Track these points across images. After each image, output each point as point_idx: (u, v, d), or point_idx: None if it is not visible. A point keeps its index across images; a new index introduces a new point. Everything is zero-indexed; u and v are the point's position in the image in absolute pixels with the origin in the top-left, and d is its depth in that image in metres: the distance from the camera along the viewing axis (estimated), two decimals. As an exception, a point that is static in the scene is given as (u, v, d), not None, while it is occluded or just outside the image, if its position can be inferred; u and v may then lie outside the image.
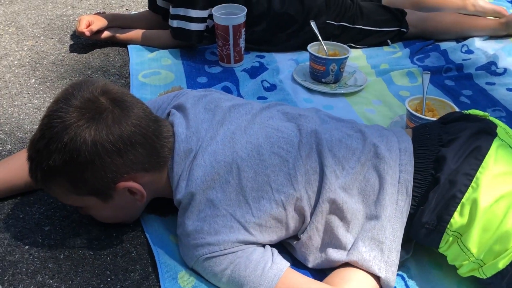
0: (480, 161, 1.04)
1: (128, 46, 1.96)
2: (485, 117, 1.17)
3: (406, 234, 1.06)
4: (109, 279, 1.07)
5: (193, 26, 1.86)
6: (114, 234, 1.17)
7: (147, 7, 2.11)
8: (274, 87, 1.76)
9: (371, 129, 1.16)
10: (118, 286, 1.05)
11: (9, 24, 2.13)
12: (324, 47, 1.81)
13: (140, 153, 1.02)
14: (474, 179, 1.02)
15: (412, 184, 1.06)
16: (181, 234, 1.05)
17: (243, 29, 1.84)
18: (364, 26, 2.01)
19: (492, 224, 0.99)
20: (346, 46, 1.82)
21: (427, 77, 1.54)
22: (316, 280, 1.05)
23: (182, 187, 1.05)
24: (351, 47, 1.99)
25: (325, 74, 1.76)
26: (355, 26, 2.00)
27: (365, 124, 1.21)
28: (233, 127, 1.10)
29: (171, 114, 1.15)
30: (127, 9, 2.32)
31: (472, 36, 2.09)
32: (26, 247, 1.13)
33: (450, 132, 1.12)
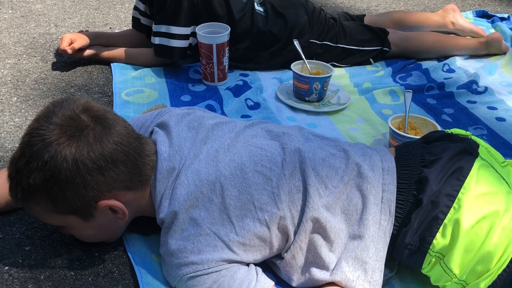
0: (462, 182, 1.04)
1: (112, 64, 1.96)
2: (467, 136, 1.18)
3: (390, 254, 1.06)
4: (91, 300, 1.05)
5: (176, 43, 1.87)
6: (96, 254, 1.16)
7: (131, 26, 2.11)
8: (258, 106, 1.76)
9: (354, 148, 1.17)
10: (100, 307, 1.03)
11: (-9, 42, 2.12)
12: (308, 66, 1.82)
13: (122, 171, 1.01)
14: (456, 200, 1.02)
15: (395, 205, 1.07)
16: (164, 253, 1.04)
17: (227, 48, 1.85)
18: (347, 45, 2.03)
19: (474, 245, 0.99)
20: (329, 65, 1.83)
21: (409, 96, 1.56)
22: None
23: (165, 206, 1.04)
24: (334, 66, 2.01)
25: (309, 93, 1.77)
26: (338, 45, 2.02)
27: (349, 143, 1.21)
28: (217, 145, 1.10)
29: (154, 132, 1.15)
30: (111, 28, 2.32)
31: (453, 55, 2.12)
32: (6, 268, 1.11)
33: (433, 153, 1.13)
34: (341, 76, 1.99)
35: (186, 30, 1.86)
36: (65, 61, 1.99)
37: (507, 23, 2.47)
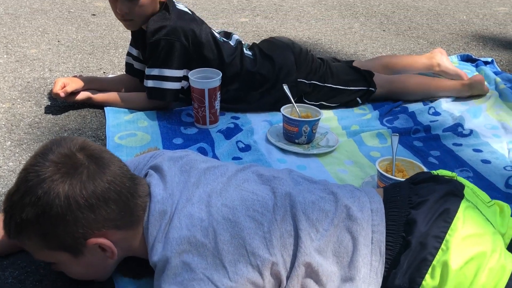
0: (449, 224, 1.07)
1: (105, 108, 1.99)
2: (453, 178, 1.22)
3: None
4: None
5: (168, 85, 1.92)
6: (88, 298, 1.16)
7: (124, 71, 2.16)
8: (249, 148, 1.80)
9: (343, 190, 1.19)
10: None
11: (-14, 87, 2.15)
12: (297, 109, 1.87)
13: (113, 210, 1.04)
14: (444, 242, 1.05)
15: (387, 244, 1.09)
16: None
17: (218, 92, 1.89)
18: (334, 85, 2.09)
19: (463, 286, 1.01)
20: (318, 109, 1.88)
21: (396, 139, 1.60)
22: None
23: (158, 250, 1.05)
24: (323, 106, 2.06)
25: (298, 135, 1.81)
26: (326, 85, 2.08)
27: (337, 185, 1.24)
28: (209, 189, 1.12)
29: (149, 175, 1.18)
30: (104, 72, 2.37)
31: (437, 97, 2.18)
32: (-3, 313, 1.12)
33: (420, 194, 1.15)
34: (330, 119, 2.04)
35: (179, 73, 1.91)
36: (59, 105, 2.02)
37: (491, 67, 2.54)
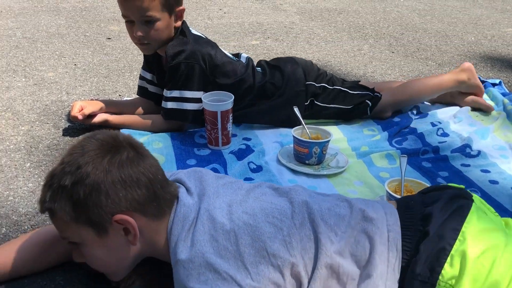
0: (464, 218, 1.13)
1: (121, 130, 2.05)
2: (462, 188, 1.29)
3: None
4: None
5: (189, 106, 1.98)
6: (106, 315, 1.20)
7: (137, 94, 2.23)
8: (260, 169, 1.84)
9: (356, 199, 1.26)
10: None
11: (6, 110, 2.22)
12: (307, 131, 1.91)
13: (143, 193, 1.10)
14: (461, 233, 1.10)
15: (402, 239, 1.14)
16: None
17: (231, 114, 1.95)
18: (343, 88, 2.17)
19: (481, 274, 1.06)
20: (328, 130, 1.92)
21: (405, 161, 1.64)
22: None
23: (181, 249, 1.09)
24: (336, 110, 2.16)
25: (309, 156, 1.85)
26: (335, 87, 2.16)
27: (350, 197, 1.30)
28: (228, 200, 1.18)
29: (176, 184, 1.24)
30: (120, 95, 2.44)
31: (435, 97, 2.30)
32: (19, 329, 1.16)
33: (432, 196, 1.23)
34: (339, 140, 2.08)
35: (199, 94, 1.98)
36: (77, 128, 2.08)
37: (499, 88, 2.58)
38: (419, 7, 4.34)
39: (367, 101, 2.18)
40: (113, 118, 2.07)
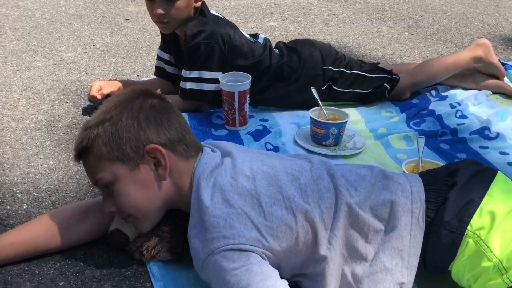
0: (492, 178, 1.16)
1: (139, 110, 2.06)
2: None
3: (424, 247, 1.13)
4: (120, 333, 1.12)
5: (208, 87, 1.99)
6: (125, 289, 1.23)
7: (154, 75, 2.24)
8: (277, 149, 1.85)
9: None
10: None
11: (26, 89, 2.25)
12: (324, 112, 1.91)
13: (173, 133, 1.19)
14: (490, 189, 1.12)
15: (427, 192, 1.16)
16: (196, 231, 1.10)
17: (248, 95, 1.95)
18: (361, 72, 2.15)
19: (509, 235, 1.07)
20: (345, 111, 1.92)
21: (422, 141, 1.63)
22: None
23: (203, 186, 1.14)
24: (354, 94, 2.14)
25: (326, 137, 1.85)
26: (353, 71, 2.14)
27: None
28: (250, 158, 1.23)
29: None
30: (138, 75, 2.45)
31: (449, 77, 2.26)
32: (41, 301, 1.19)
33: (456, 166, 1.24)
34: (357, 122, 2.07)
35: (218, 75, 1.98)
36: (95, 107, 2.10)
37: (519, 71, 2.54)
38: (440, -11, 4.27)
39: (385, 84, 2.16)
40: (132, 98, 2.08)
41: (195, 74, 1.98)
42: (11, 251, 1.27)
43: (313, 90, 1.97)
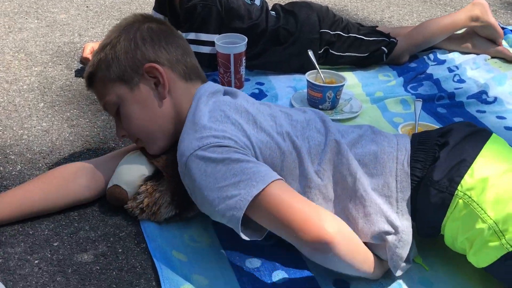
0: (486, 138, 1.13)
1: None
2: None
3: (414, 208, 1.12)
4: (115, 292, 1.12)
5: (205, 49, 1.96)
6: (120, 250, 1.23)
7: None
8: (273, 113, 1.83)
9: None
10: (123, 299, 1.10)
11: (19, 51, 2.21)
12: (321, 75, 1.89)
13: (172, 53, 1.23)
14: (483, 149, 1.09)
15: (416, 152, 1.15)
16: (186, 131, 1.14)
17: (244, 58, 1.92)
18: (359, 35, 2.12)
19: (505, 192, 1.04)
20: (342, 75, 1.90)
21: (419, 105, 1.62)
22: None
23: (202, 105, 1.17)
24: (351, 58, 2.12)
25: (322, 101, 1.83)
26: (350, 35, 2.11)
27: None
28: (248, 99, 1.27)
29: None
30: (132, 37, 2.41)
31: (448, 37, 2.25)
32: (36, 262, 1.19)
33: (448, 126, 1.22)
34: (354, 85, 2.05)
35: (214, 37, 1.94)
36: (89, 69, 2.07)
37: (519, 35, 2.51)
38: (440, -48, 4.20)
39: (383, 48, 2.13)
40: (126, 60, 2.05)
41: (192, 36, 1.94)
42: (7, 210, 1.26)
43: (310, 53, 1.94)
